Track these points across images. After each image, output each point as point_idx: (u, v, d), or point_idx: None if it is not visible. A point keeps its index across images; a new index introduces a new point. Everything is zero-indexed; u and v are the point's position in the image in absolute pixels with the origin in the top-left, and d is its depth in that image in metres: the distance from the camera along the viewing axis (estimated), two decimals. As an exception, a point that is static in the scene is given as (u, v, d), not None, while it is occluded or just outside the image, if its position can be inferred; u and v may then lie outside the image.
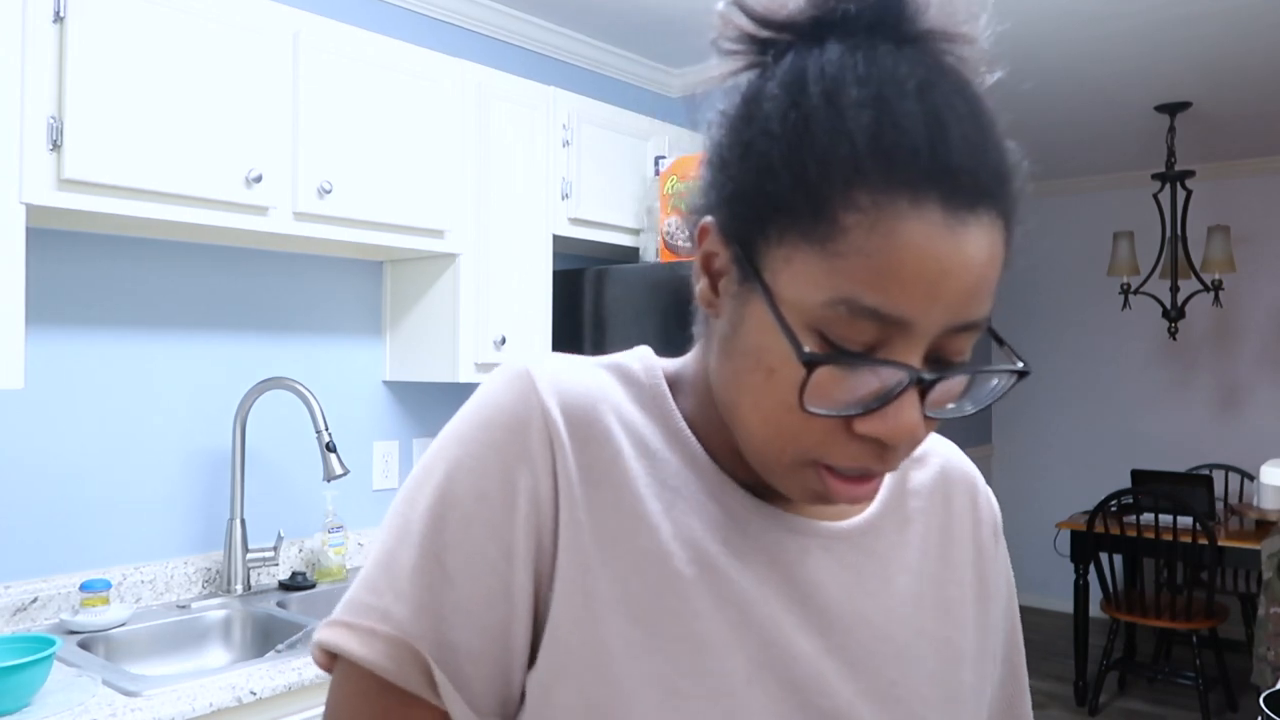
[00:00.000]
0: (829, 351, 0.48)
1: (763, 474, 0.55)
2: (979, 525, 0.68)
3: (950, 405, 0.52)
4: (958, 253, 0.47)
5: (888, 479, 0.65)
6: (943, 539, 0.66)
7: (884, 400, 0.48)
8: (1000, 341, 0.55)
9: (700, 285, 0.55)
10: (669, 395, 0.61)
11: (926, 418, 0.50)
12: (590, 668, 0.53)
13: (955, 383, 0.51)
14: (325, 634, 0.55)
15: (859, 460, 0.51)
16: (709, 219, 0.54)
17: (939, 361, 0.50)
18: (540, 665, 0.53)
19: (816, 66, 0.50)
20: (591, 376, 0.59)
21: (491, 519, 0.54)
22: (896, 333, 0.48)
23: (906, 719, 0.59)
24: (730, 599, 0.56)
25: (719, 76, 0.55)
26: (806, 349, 0.48)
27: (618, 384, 0.60)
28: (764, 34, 0.53)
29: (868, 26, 0.51)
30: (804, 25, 0.52)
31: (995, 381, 0.53)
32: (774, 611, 0.56)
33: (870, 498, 0.54)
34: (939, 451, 0.69)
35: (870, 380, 0.49)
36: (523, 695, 0.54)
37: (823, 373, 0.48)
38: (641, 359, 0.63)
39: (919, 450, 0.68)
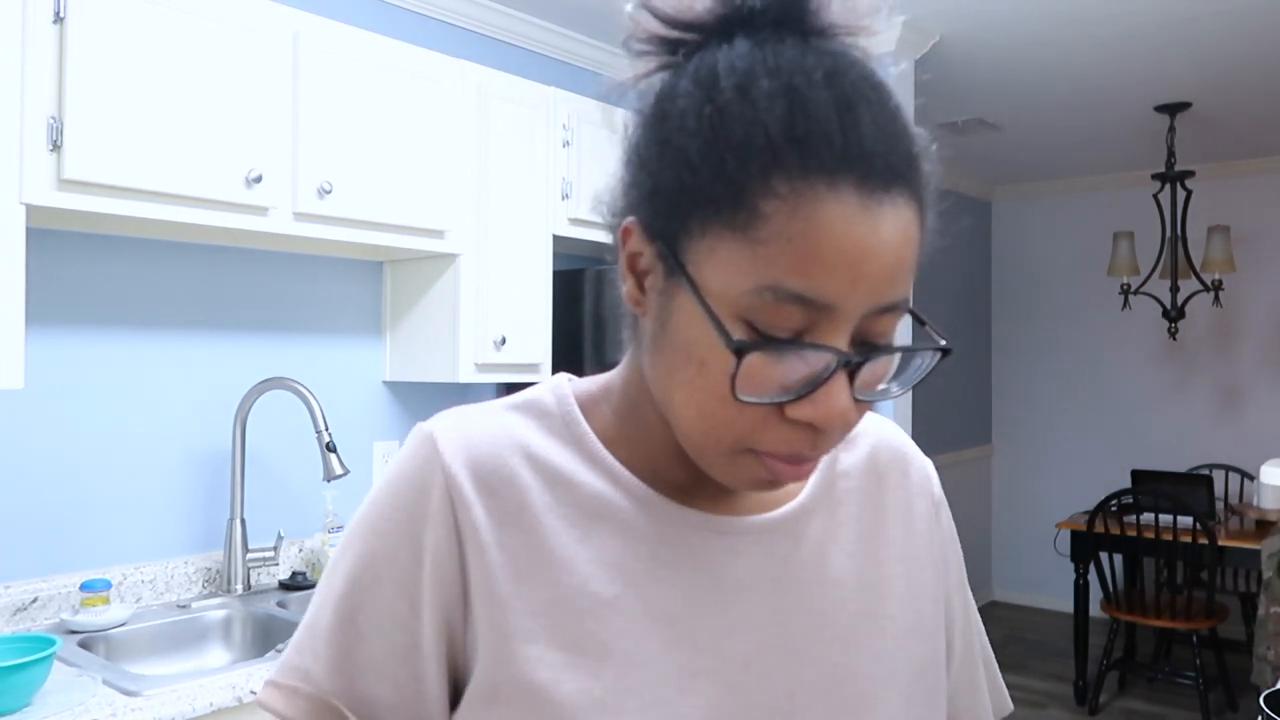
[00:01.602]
0: (757, 339, 0.49)
1: (702, 465, 0.56)
2: (913, 498, 0.69)
3: (880, 387, 0.54)
4: (875, 233, 0.48)
5: (819, 465, 0.66)
6: (878, 517, 0.67)
7: (814, 385, 0.49)
8: (922, 322, 0.56)
9: (627, 286, 0.56)
10: (582, 420, 0.63)
11: (857, 400, 0.51)
12: (522, 700, 0.55)
13: (881, 365, 0.53)
14: (261, 694, 0.60)
15: (793, 446, 0.52)
16: (631, 219, 0.55)
17: (865, 344, 0.51)
18: (470, 707, 0.56)
19: (727, 61, 0.51)
20: (497, 424, 0.62)
21: (399, 577, 0.57)
22: (822, 317, 0.49)
23: (856, 699, 0.60)
24: (658, 612, 0.57)
25: (632, 78, 0.56)
26: (735, 337, 0.49)
27: (527, 422, 0.62)
28: (673, 34, 0.54)
29: (774, 22, 0.52)
30: (712, 24, 0.53)
31: (919, 361, 0.53)
32: (705, 616, 0.58)
33: (807, 476, 0.55)
34: (871, 432, 0.70)
35: (799, 366, 0.50)
36: None
37: (753, 361, 0.49)
38: (554, 389, 0.65)
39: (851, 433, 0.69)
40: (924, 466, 0.72)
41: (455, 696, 0.58)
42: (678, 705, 0.55)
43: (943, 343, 0.53)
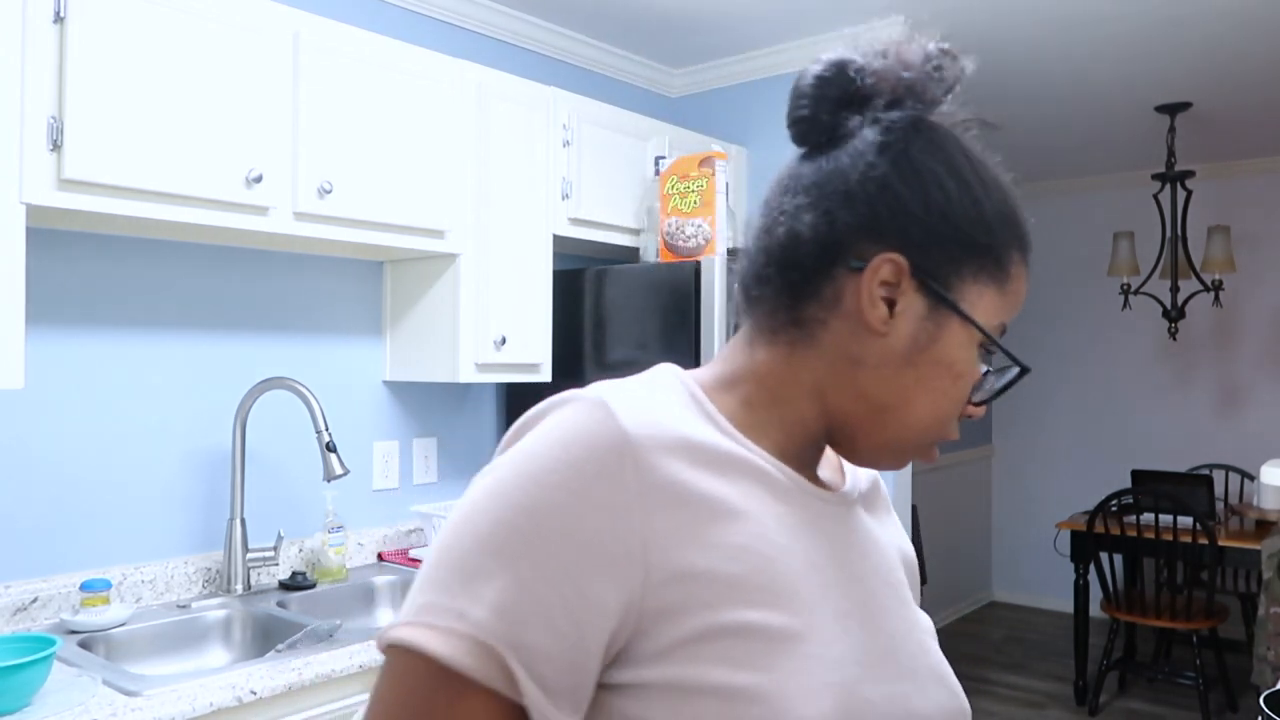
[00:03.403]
0: (1006, 359, 0.70)
1: (886, 452, 0.70)
2: (887, 500, 0.85)
3: None
4: None
5: (848, 470, 0.80)
6: (884, 514, 0.82)
7: (999, 392, 0.70)
8: (999, 348, 0.74)
9: (878, 311, 0.67)
10: (708, 400, 0.70)
11: None
12: (735, 637, 0.60)
13: None
14: (403, 633, 0.59)
15: (957, 433, 0.71)
16: (893, 257, 0.66)
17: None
18: (679, 650, 0.59)
19: (959, 145, 0.69)
20: (648, 396, 0.67)
21: (568, 529, 0.59)
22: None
23: (919, 646, 0.71)
24: (810, 563, 0.66)
25: (845, 124, 0.70)
26: (1021, 363, 0.70)
27: (671, 398, 0.68)
28: (887, 100, 0.69)
29: (931, 101, 0.70)
30: (879, 98, 0.70)
31: (994, 380, 0.72)
32: (834, 568, 0.68)
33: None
34: None
35: (979, 376, 0.69)
36: (601, 687, 0.61)
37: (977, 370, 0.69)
38: (675, 374, 0.72)
39: None
40: (876, 474, 0.87)
41: (607, 656, 0.60)
42: (843, 641, 0.64)
43: (1023, 364, 0.73)
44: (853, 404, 0.69)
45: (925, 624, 0.75)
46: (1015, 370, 0.69)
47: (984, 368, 0.69)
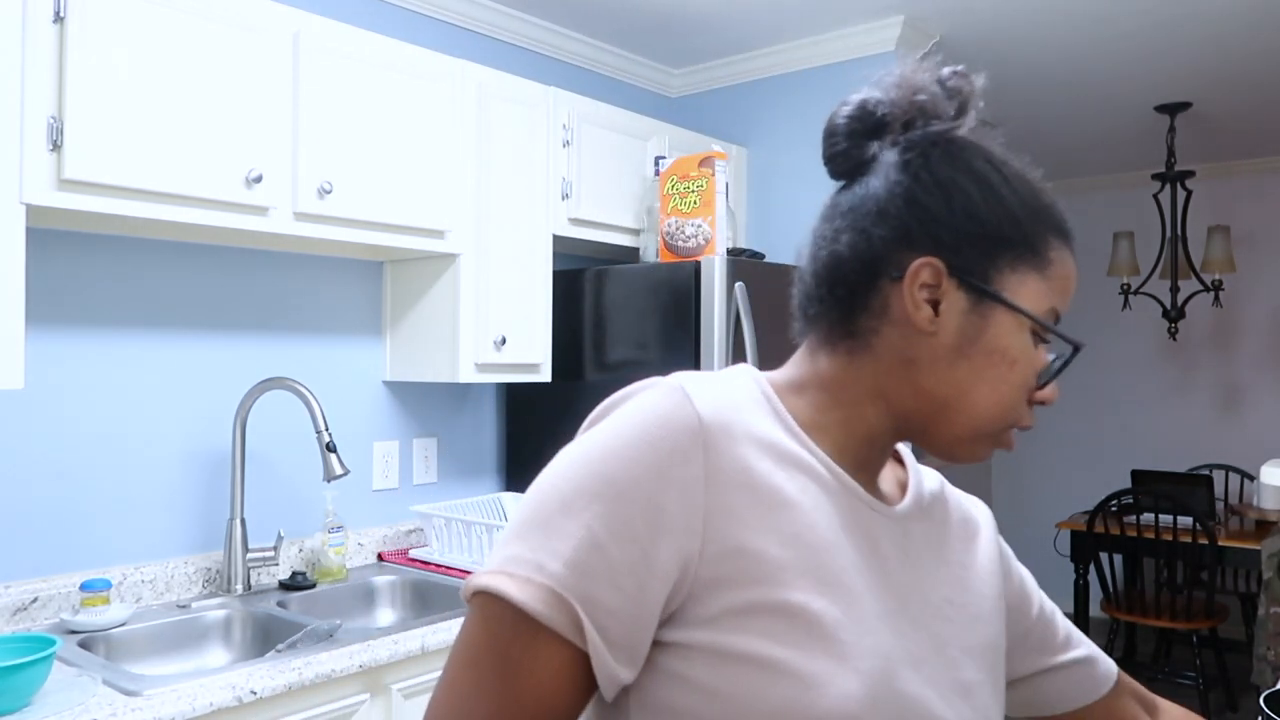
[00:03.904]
0: (1056, 339, 0.73)
1: (957, 445, 0.74)
2: (982, 528, 0.88)
3: None
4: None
5: (911, 484, 0.83)
6: (947, 531, 0.83)
7: (1057, 373, 0.74)
8: (1055, 332, 0.79)
9: (923, 312, 0.72)
10: (778, 400, 0.76)
11: None
12: (778, 615, 0.65)
13: None
14: (486, 579, 0.66)
15: (1031, 419, 0.75)
16: (926, 260, 0.71)
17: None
18: (725, 619, 0.65)
19: (981, 152, 0.75)
20: (726, 389, 0.73)
21: (642, 498, 0.65)
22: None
23: (951, 661, 0.74)
24: (856, 561, 0.71)
25: (874, 147, 0.76)
26: (1075, 339, 0.73)
27: (743, 394, 0.74)
28: (908, 121, 0.76)
29: (950, 118, 0.75)
30: (901, 121, 0.76)
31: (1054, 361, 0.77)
32: (876, 571, 0.72)
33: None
34: (934, 474, 0.89)
35: (1042, 360, 0.73)
36: (655, 644, 0.67)
37: (1041, 356, 0.73)
38: (749, 374, 0.77)
39: (923, 468, 0.88)
40: (984, 507, 0.91)
41: (664, 615, 0.67)
42: (879, 635, 0.69)
43: (1078, 341, 0.77)
44: (915, 402, 0.74)
45: (967, 644, 0.76)
46: (1070, 350, 0.73)
47: (1049, 354, 0.73)
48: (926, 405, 0.73)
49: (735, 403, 0.72)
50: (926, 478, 0.86)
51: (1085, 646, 0.94)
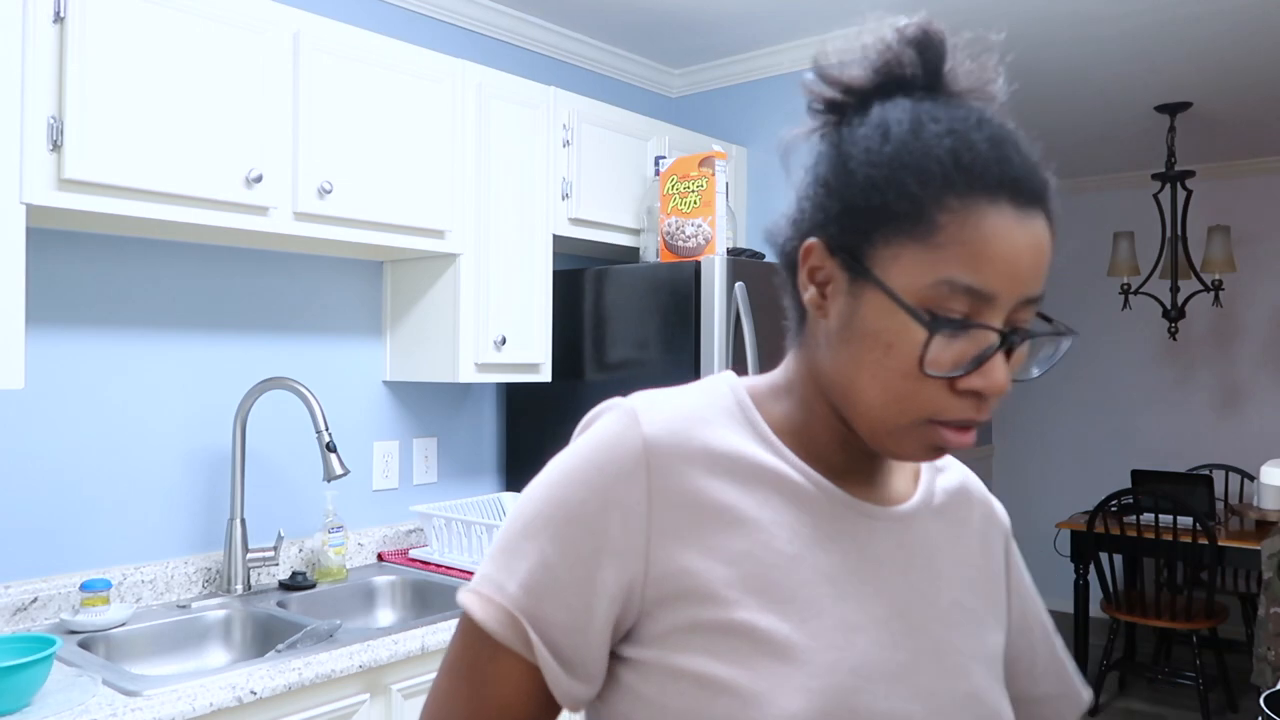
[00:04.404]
0: (939, 320, 0.62)
1: (877, 441, 0.67)
2: (993, 529, 0.85)
3: (1020, 369, 0.67)
4: (1026, 237, 0.63)
5: (923, 480, 0.79)
6: (963, 530, 0.80)
7: (981, 361, 0.63)
8: (1047, 318, 0.70)
9: (810, 294, 0.69)
10: (754, 409, 0.74)
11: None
12: (722, 633, 0.65)
13: (1023, 350, 0.66)
14: (462, 595, 0.70)
15: (964, 413, 0.65)
16: (812, 240, 0.68)
17: (1015, 330, 0.65)
18: (672, 637, 0.67)
19: (894, 113, 0.66)
20: (686, 404, 0.73)
21: (588, 523, 0.68)
22: (984, 306, 0.63)
23: (954, 669, 0.72)
24: (824, 573, 0.69)
25: (807, 131, 0.72)
26: (927, 318, 0.62)
27: (710, 405, 0.73)
28: (843, 98, 0.70)
29: (921, 87, 0.68)
30: (871, 89, 0.69)
31: (1050, 349, 0.68)
32: (855, 582, 0.70)
33: (969, 443, 0.67)
34: (958, 469, 0.85)
35: (967, 347, 0.63)
36: (616, 657, 0.69)
37: (934, 340, 0.63)
38: (726, 382, 0.76)
39: (942, 463, 0.83)
40: (1001, 509, 0.88)
41: (619, 631, 0.69)
42: (846, 652, 0.67)
43: (1069, 329, 0.68)
44: (830, 394, 0.70)
45: (975, 649, 0.74)
46: (995, 339, 0.63)
47: (995, 337, 0.63)
48: (836, 396, 0.70)
49: (697, 418, 0.72)
50: (946, 473, 0.83)
51: (1060, 682, 0.88)
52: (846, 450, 0.74)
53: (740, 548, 0.68)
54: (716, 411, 0.73)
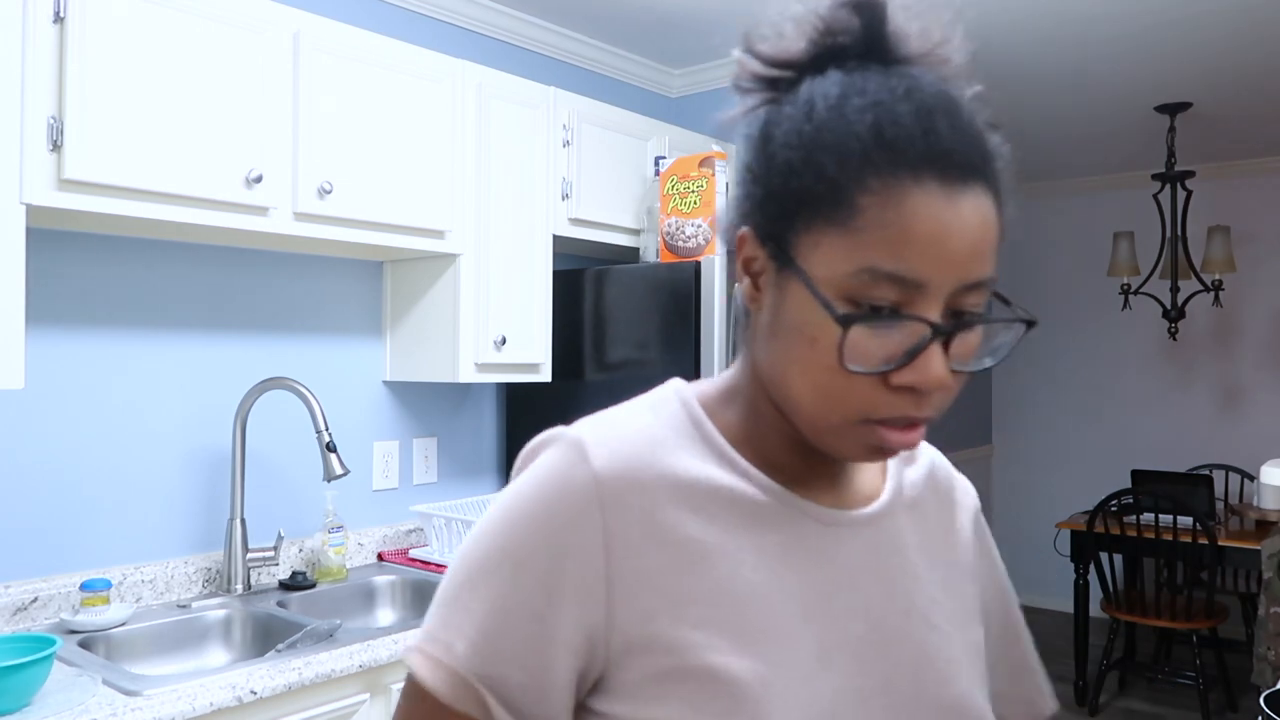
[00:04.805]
0: (859, 312, 0.57)
1: (818, 440, 0.63)
2: (960, 511, 0.80)
3: (972, 360, 0.61)
4: (957, 217, 0.56)
5: (891, 473, 0.74)
6: (935, 521, 0.76)
7: (913, 354, 0.57)
8: (1006, 301, 0.63)
9: (744, 286, 0.65)
10: (708, 421, 0.69)
11: (954, 371, 0.59)
12: (695, 682, 0.61)
13: (972, 340, 0.60)
14: (409, 657, 0.65)
15: (902, 410, 0.59)
16: (744, 229, 0.64)
17: (956, 318, 0.59)
18: (639, 689, 0.62)
19: (821, 89, 0.60)
20: (635, 428, 0.67)
21: (539, 573, 0.62)
22: (915, 294, 0.57)
23: (941, 674, 0.68)
24: (792, 596, 0.65)
25: (740, 113, 0.65)
26: (840, 310, 0.57)
27: (661, 424, 0.68)
28: (773, 73, 0.63)
29: (859, 56, 0.61)
30: (806, 62, 0.63)
31: (1007, 336, 0.61)
32: (825, 599, 0.66)
33: (915, 443, 0.61)
34: (926, 453, 0.80)
35: (900, 339, 0.57)
36: (586, 709, 0.64)
37: (857, 334, 0.57)
38: (677, 394, 0.71)
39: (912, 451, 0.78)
40: (967, 485, 0.82)
41: (585, 684, 0.64)
42: (821, 680, 0.63)
43: (1026, 315, 0.60)
44: (770, 392, 0.66)
45: (956, 650, 0.70)
46: (926, 330, 0.57)
47: (943, 328, 0.57)
48: (775, 396, 0.65)
49: (649, 441, 0.66)
50: (914, 462, 0.78)
51: (1017, 682, 0.82)
52: (801, 453, 0.69)
53: (706, 584, 0.63)
54: (668, 430, 0.68)
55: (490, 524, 0.65)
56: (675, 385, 0.72)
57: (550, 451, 0.66)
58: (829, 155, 0.57)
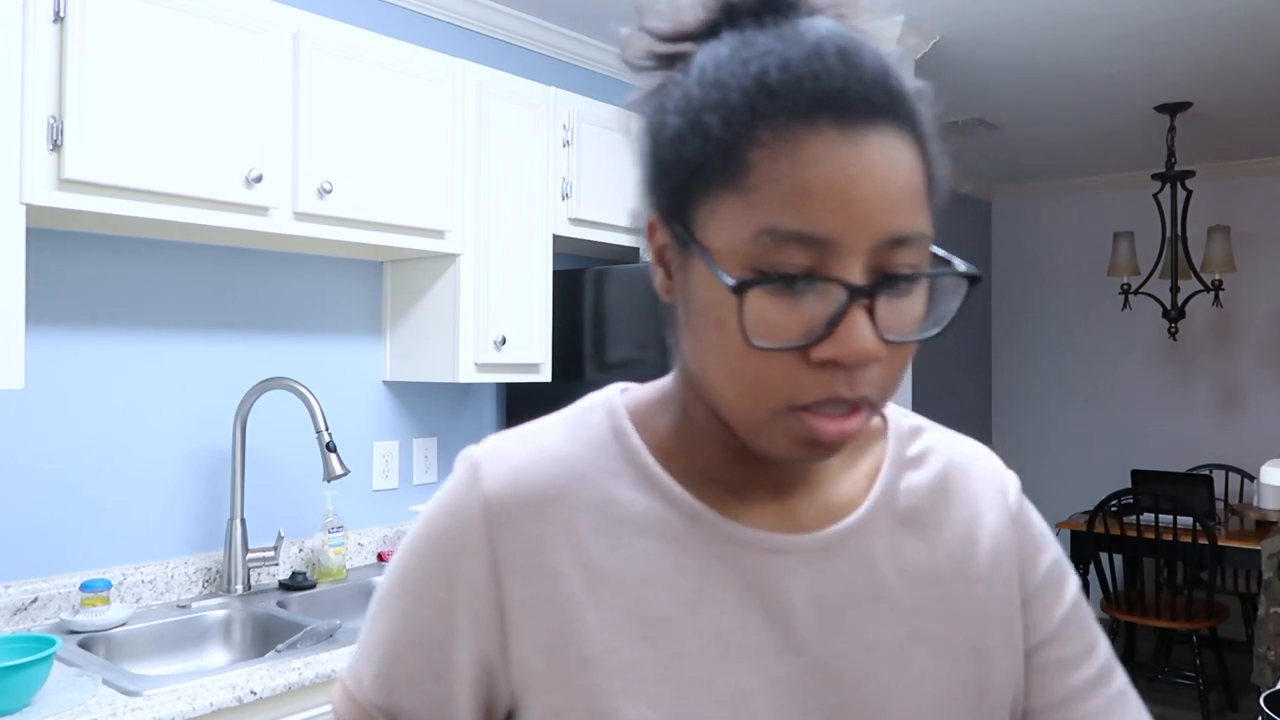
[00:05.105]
0: (756, 278, 0.50)
1: (751, 441, 0.55)
2: (981, 514, 0.66)
3: (916, 329, 0.53)
4: (860, 162, 0.49)
5: (881, 480, 0.64)
6: (940, 535, 0.65)
7: (831, 324, 0.50)
8: (945, 261, 0.55)
9: (658, 277, 0.58)
10: (633, 434, 0.63)
11: (888, 342, 0.51)
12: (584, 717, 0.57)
13: (911, 305, 0.52)
14: (333, 689, 0.65)
15: (829, 391, 0.51)
16: (652, 215, 0.57)
17: (879, 278, 0.51)
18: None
19: (713, 52, 0.54)
20: (544, 445, 0.63)
21: (434, 602, 0.60)
22: (828, 255, 0.49)
23: (888, 710, 0.59)
24: (710, 632, 0.58)
25: (641, 95, 0.59)
26: (732, 279, 0.50)
27: (578, 438, 0.63)
28: (671, 49, 0.57)
29: (754, 14, 0.55)
30: (702, 31, 0.56)
31: (950, 301, 0.53)
32: (755, 636, 0.58)
33: (851, 434, 0.53)
34: (941, 450, 0.68)
35: (817, 308, 0.50)
36: None
37: (763, 305, 0.50)
38: (606, 402, 0.65)
39: (919, 449, 0.67)
40: (998, 481, 0.69)
41: (497, 716, 0.61)
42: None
43: (964, 267, 0.53)
44: (699, 391, 0.60)
45: (933, 692, 0.61)
46: (842, 294, 0.49)
47: (863, 297, 0.50)
48: (703, 394, 0.58)
49: (554, 458, 0.61)
50: (921, 465, 0.67)
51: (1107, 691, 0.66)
52: (740, 463, 0.61)
53: (604, 618, 0.57)
54: (583, 445, 0.62)
55: (399, 550, 0.63)
56: (609, 392, 0.66)
57: (454, 472, 0.63)
58: (715, 114, 0.51)
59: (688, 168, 0.53)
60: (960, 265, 0.53)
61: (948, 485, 0.66)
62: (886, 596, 0.61)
